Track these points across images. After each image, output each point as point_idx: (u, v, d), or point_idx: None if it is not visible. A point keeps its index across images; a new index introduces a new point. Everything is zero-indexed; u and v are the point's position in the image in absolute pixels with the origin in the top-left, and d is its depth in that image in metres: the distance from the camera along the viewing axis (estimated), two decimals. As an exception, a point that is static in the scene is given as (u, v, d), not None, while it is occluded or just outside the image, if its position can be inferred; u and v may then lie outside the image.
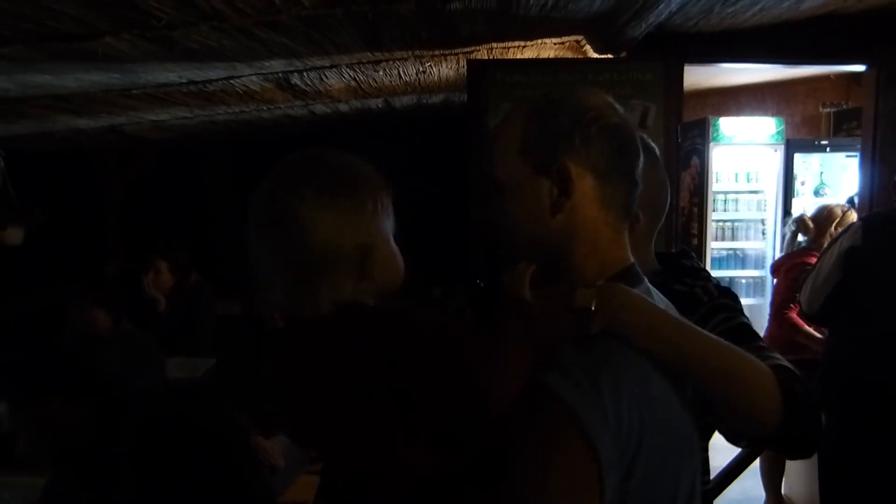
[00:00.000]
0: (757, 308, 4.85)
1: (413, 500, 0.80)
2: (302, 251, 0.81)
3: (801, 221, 3.40)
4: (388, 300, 0.88)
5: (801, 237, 3.44)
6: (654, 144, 1.26)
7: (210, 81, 2.77)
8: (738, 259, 5.11)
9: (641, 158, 0.92)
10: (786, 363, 0.95)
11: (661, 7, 2.32)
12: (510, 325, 0.85)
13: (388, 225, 0.90)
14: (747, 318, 1.12)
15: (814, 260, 2.72)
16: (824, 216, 3.31)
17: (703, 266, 1.28)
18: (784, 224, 4.27)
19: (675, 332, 0.84)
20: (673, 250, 1.25)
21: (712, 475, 1.61)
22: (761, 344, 1.03)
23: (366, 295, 0.85)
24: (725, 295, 1.16)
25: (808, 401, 0.89)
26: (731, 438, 0.99)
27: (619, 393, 0.76)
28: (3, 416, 1.57)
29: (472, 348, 0.83)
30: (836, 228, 3.19)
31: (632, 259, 0.93)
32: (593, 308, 0.81)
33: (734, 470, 2.21)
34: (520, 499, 0.74)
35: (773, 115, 5.20)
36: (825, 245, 2.83)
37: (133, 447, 1.56)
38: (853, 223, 2.41)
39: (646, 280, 0.93)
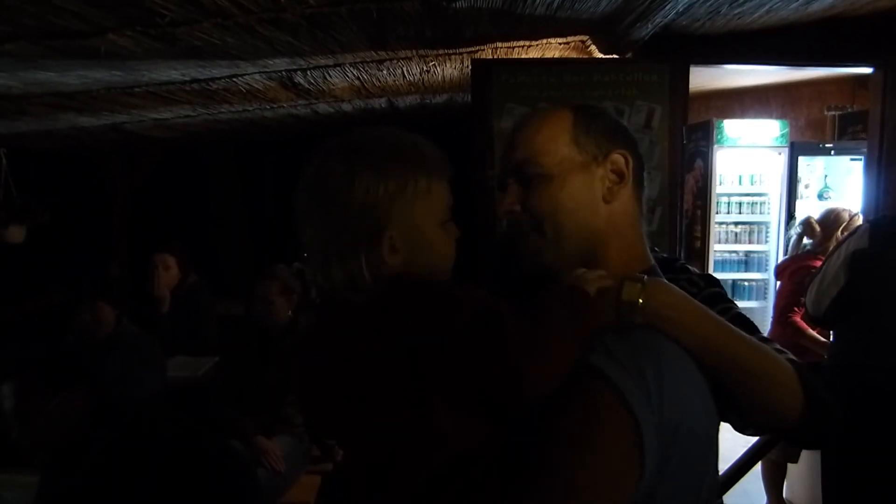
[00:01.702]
0: (760, 311, 4.84)
1: (434, 491, 0.77)
2: (345, 225, 0.79)
3: (807, 224, 3.38)
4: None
5: (806, 240, 3.42)
6: None
7: (213, 80, 2.77)
8: (742, 262, 5.11)
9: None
10: (791, 356, 0.97)
11: (667, 8, 2.31)
12: (557, 311, 0.83)
13: (434, 208, 0.85)
14: (736, 306, 1.11)
15: (818, 263, 2.71)
16: (831, 220, 3.29)
17: (674, 255, 1.26)
18: (788, 227, 4.25)
19: (711, 331, 0.86)
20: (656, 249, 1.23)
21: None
22: (763, 336, 1.03)
23: (409, 271, 0.82)
24: (711, 283, 1.13)
25: (827, 396, 0.92)
26: (739, 427, 0.98)
27: (661, 380, 0.77)
28: (6, 397, 1.55)
29: (517, 330, 0.79)
30: (842, 232, 3.18)
31: (653, 260, 0.98)
32: (640, 302, 0.83)
33: (741, 468, 2.18)
34: (559, 476, 0.74)
35: (777, 117, 5.18)
36: (831, 248, 2.82)
37: (128, 449, 1.55)
38: (860, 226, 2.39)
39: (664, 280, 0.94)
